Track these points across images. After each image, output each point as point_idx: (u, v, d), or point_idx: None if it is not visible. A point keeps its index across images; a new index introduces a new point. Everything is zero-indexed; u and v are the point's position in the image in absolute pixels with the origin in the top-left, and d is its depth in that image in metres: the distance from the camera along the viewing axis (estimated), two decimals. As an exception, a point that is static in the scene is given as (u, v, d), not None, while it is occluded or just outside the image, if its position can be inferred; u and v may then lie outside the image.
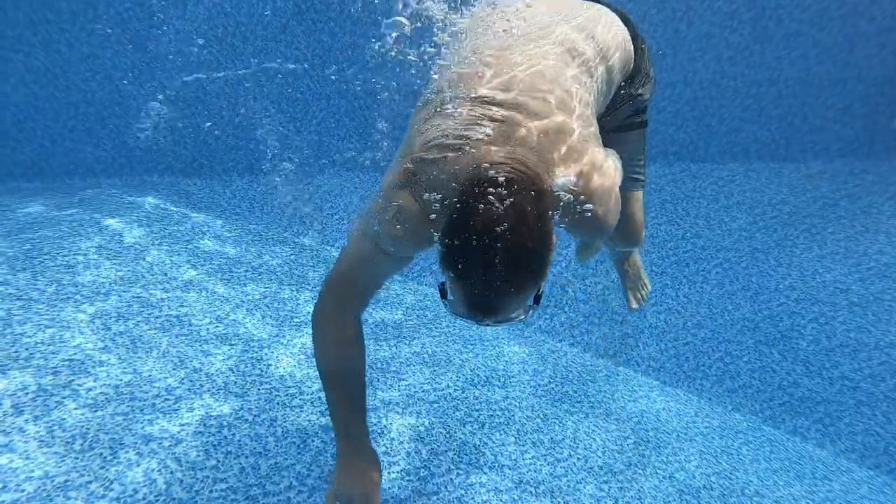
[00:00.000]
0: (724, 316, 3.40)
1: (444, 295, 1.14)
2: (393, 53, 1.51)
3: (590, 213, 1.20)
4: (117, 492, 1.62)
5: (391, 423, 2.30)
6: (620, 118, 1.68)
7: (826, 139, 3.74)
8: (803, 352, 3.18)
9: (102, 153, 3.69)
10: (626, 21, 1.55)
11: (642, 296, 2.60)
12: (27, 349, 2.05)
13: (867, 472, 2.82)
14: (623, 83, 1.54)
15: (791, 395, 3.13)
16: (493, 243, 0.99)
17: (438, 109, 1.24)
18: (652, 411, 2.98)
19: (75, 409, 1.85)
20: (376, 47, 1.54)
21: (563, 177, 1.16)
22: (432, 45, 1.39)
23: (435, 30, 1.38)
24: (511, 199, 1.02)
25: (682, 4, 3.50)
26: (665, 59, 3.76)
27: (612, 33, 1.46)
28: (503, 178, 1.04)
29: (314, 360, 1.48)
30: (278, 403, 2.19)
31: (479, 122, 1.17)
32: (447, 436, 2.36)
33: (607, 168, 1.24)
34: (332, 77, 3.74)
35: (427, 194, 1.16)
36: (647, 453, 2.65)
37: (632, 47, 1.52)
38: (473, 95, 1.21)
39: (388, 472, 2.05)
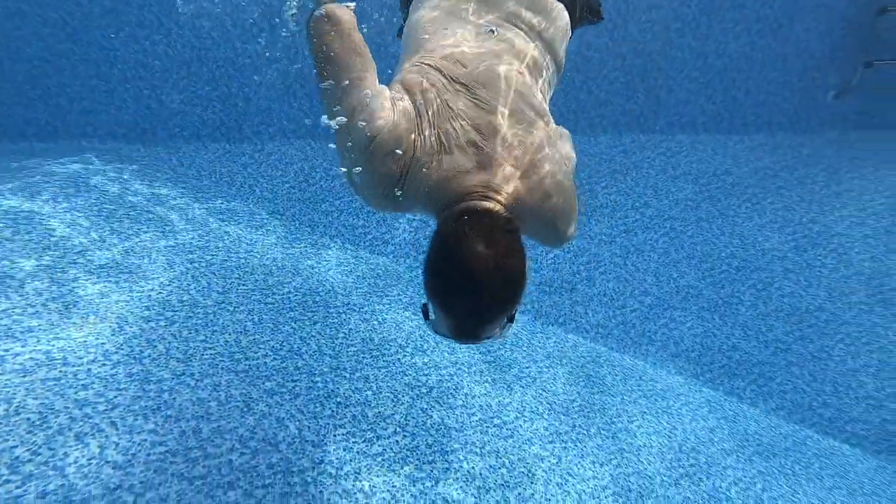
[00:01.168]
0: (670, 283, 3.50)
1: (426, 316, 1.20)
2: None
3: (553, 229, 1.27)
4: (45, 455, 1.58)
5: (338, 388, 2.29)
6: None
7: (768, 112, 3.85)
8: (742, 317, 3.31)
9: (34, 115, 3.50)
10: None
11: None
12: (-50, 315, 1.96)
13: (793, 426, 2.98)
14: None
15: (730, 358, 3.26)
16: (480, 280, 1.05)
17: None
18: (598, 376, 3.07)
19: (1, 374, 1.78)
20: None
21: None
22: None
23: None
24: (493, 233, 1.08)
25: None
26: (616, 31, 3.78)
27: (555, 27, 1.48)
28: (483, 210, 1.12)
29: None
30: (222, 368, 2.15)
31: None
32: (394, 400, 2.37)
33: (564, 177, 1.27)
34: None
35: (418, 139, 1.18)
36: (591, 415, 2.74)
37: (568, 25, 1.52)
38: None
39: (334, 436, 2.06)
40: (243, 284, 2.77)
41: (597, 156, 3.92)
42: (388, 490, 1.92)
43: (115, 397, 1.86)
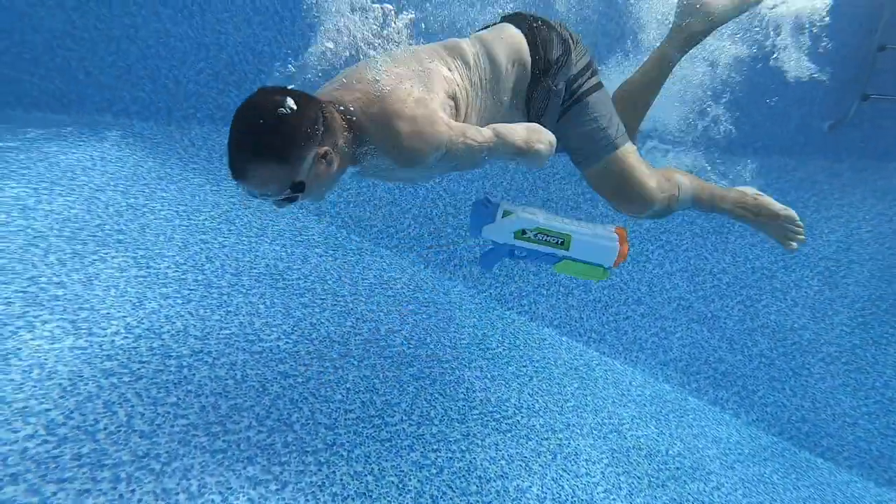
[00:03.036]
0: (662, 294, 3.63)
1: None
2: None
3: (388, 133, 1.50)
4: (77, 420, 1.63)
5: (347, 375, 2.37)
6: (555, 112, 1.90)
7: (763, 136, 4.00)
8: (729, 330, 3.45)
9: (140, 93, 3.54)
10: (531, 28, 1.87)
11: (794, 235, 2.18)
12: (-24, 279, 1.99)
13: (772, 438, 3.13)
14: (539, 78, 1.83)
15: (715, 369, 3.40)
16: (242, 117, 1.38)
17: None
18: (591, 378, 3.19)
19: (31, 339, 1.83)
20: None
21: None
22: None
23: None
24: (274, 100, 1.37)
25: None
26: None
27: (500, 39, 1.84)
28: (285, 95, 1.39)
29: None
30: (238, 349, 2.22)
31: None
32: (400, 389, 2.46)
33: (406, 98, 1.52)
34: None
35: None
36: (584, 415, 2.85)
37: (524, 46, 1.83)
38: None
39: (345, 420, 2.14)
40: (255, 268, 2.83)
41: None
42: (396, 475, 2.00)
43: (139, 369, 1.91)
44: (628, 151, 2.01)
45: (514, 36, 1.87)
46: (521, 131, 1.68)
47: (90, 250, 2.37)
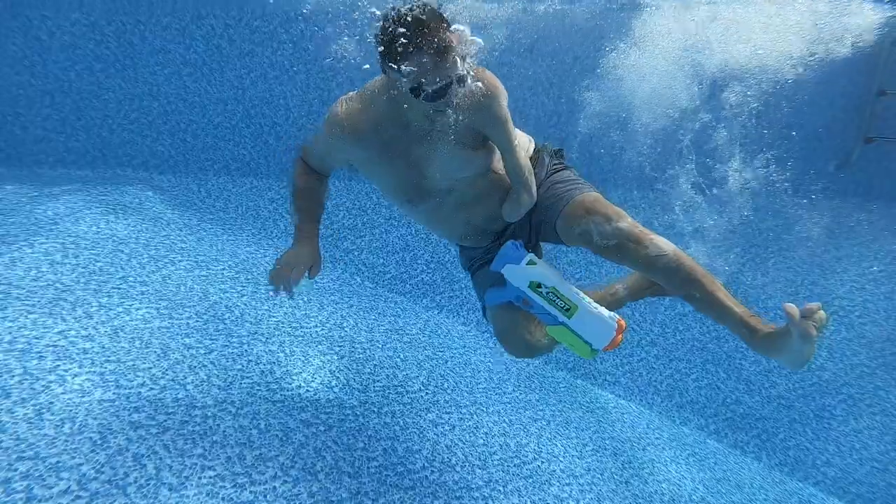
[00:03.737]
0: (676, 336, 3.63)
1: (417, 92, 1.55)
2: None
3: (480, 87, 1.65)
4: (108, 475, 1.65)
5: (368, 422, 2.38)
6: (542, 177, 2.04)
7: (772, 175, 4.07)
8: (746, 371, 3.44)
9: (160, 147, 3.67)
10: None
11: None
12: (10, 333, 2.04)
13: (797, 483, 3.08)
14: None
15: (734, 411, 3.38)
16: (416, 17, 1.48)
17: None
18: (608, 421, 3.17)
19: (62, 393, 1.86)
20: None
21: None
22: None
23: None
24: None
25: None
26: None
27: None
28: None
29: (290, 196, 2.01)
30: (260, 398, 2.24)
31: None
32: (420, 436, 2.46)
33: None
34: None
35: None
36: (604, 460, 2.82)
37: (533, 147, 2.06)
38: None
39: (367, 468, 2.13)
40: (273, 316, 2.87)
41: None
42: (420, 524, 1.99)
43: (165, 421, 1.93)
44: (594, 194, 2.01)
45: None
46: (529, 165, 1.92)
47: (115, 302, 2.42)
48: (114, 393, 1.94)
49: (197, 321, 2.56)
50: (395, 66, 1.50)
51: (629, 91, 3.66)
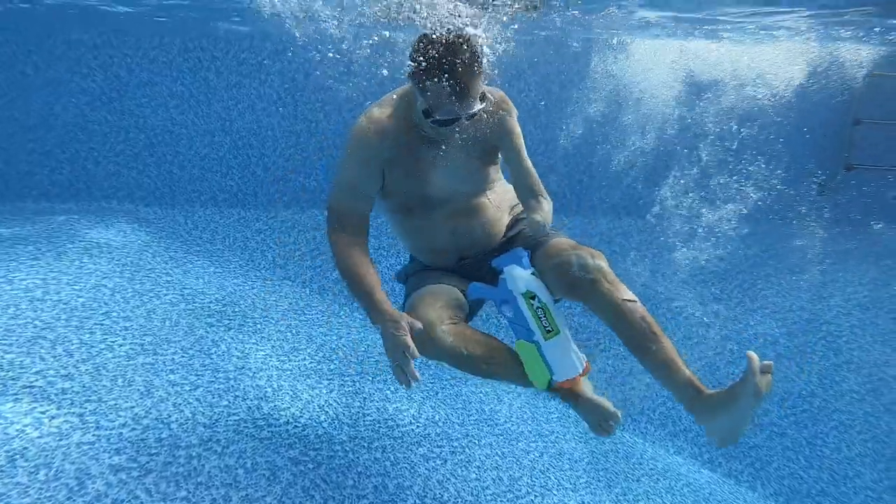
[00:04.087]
0: (667, 363, 3.61)
1: (427, 115, 1.63)
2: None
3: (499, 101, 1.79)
4: (87, 522, 1.58)
5: (358, 458, 2.32)
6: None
7: (755, 203, 4.14)
8: (738, 398, 3.42)
9: (146, 179, 3.63)
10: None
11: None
12: (-16, 373, 1.98)
13: (794, 513, 3.04)
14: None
15: (727, 439, 3.34)
16: (452, 44, 1.55)
17: None
18: (601, 452, 3.12)
19: (38, 437, 1.79)
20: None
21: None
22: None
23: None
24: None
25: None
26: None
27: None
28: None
29: (338, 273, 1.80)
30: (247, 435, 2.18)
31: None
32: (411, 471, 2.40)
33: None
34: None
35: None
36: (598, 492, 2.77)
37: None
38: None
39: (357, 507, 2.07)
40: (261, 349, 2.82)
41: (596, 236, 4.13)
42: (412, 566, 1.92)
43: (147, 462, 1.87)
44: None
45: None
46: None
47: (98, 339, 2.36)
48: (94, 435, 1.87)
49: (182, 356, 2.51)
50: (419, 82, 1.57)
51: (614, 119, 3.72)
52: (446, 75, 1.54)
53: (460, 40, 1.57)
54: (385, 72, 2.02)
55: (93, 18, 3.47)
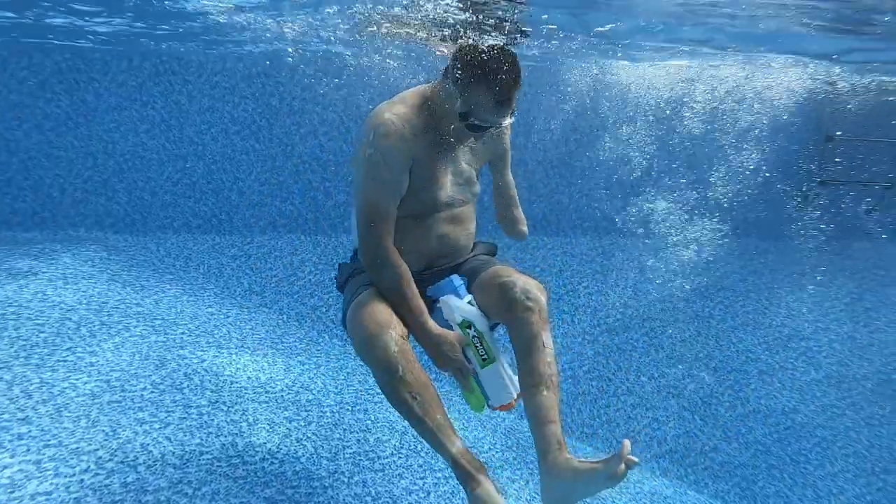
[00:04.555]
0: (651, 383, 3.60)
1: (467, 118, 1.63)
2: None
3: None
4: (44, 581, 1.47)
5: (338, 495, 2.23)
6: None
7: (733, 219, 4.18)
8: (722, 418, 3.41)
9: (115, 206, 3.50)
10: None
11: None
12: (-64, 419, 1.86)
13: (782, 532, 3.01)
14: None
15: (712, 459, 3.32)
16: (501, 56, 1.59)
17: None
18: (588, 477, 3.06)
19: (-7, 487, 1.68)
20: None
21: None
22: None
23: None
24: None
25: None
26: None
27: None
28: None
29: (383, 287, 1.75)
30: (220, 475, 2.08)
31: None
32: (394, 506, 2.32)
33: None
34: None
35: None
36: (586, 520, 2.71)
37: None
38: None
39: (337, 548, 1.98)
40: (236, 382, 2.72)
41: (578, 256, 4.11)
42: None
43: (112, 511, 1.76)
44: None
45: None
46: None
47: (60, 377, 2.25)
48: (51, 483, 1.76)
49: (152, 392, 2.40)
50: (465, 86, 1.60)
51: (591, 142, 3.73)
52: (497, 84, 1.58)
53: (510, 55, 1.62)
54: (361, 94, 1.99)
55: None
